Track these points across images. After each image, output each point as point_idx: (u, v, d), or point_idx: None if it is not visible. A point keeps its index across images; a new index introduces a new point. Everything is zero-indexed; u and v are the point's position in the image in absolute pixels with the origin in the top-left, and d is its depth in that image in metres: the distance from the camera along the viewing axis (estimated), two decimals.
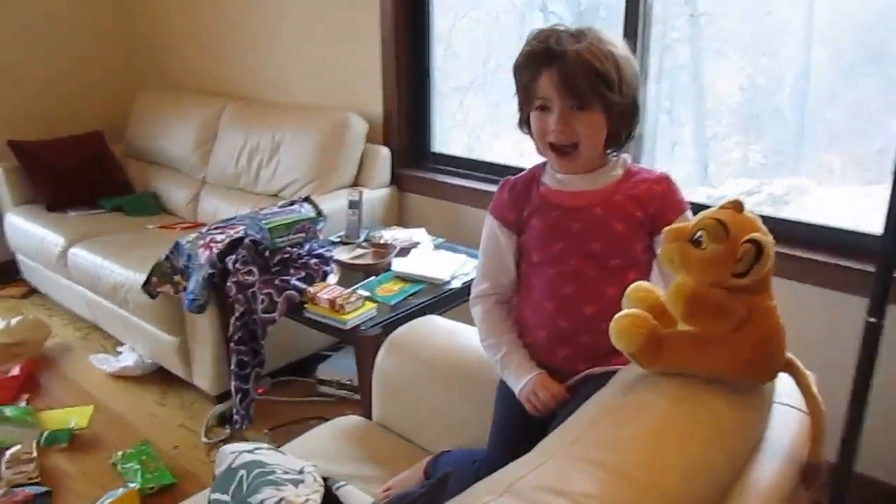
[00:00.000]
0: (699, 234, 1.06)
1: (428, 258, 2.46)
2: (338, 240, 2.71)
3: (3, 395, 2.79)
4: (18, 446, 2.46)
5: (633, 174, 1.44)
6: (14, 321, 3.19)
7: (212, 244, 2.44)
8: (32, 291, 3.76)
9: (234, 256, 2.33)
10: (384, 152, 3.09)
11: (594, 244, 1.40)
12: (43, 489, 2.29)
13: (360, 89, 3.18)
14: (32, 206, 3.61)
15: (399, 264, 2.42)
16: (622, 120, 1.37)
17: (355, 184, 3.09)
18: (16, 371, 2.93)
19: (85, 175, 3.71)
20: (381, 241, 2.60)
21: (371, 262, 2.48)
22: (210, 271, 2.38)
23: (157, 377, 2.96)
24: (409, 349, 1.85)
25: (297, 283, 2.26)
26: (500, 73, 3.07)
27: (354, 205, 2.68)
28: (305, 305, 2.19)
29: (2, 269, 3.84)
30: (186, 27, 3.91)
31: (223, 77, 3.80)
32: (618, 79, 1.32)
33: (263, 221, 2.34)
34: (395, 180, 3.14)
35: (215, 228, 2.58)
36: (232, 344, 2.30)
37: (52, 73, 3.94)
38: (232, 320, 2.28)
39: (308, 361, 2.93)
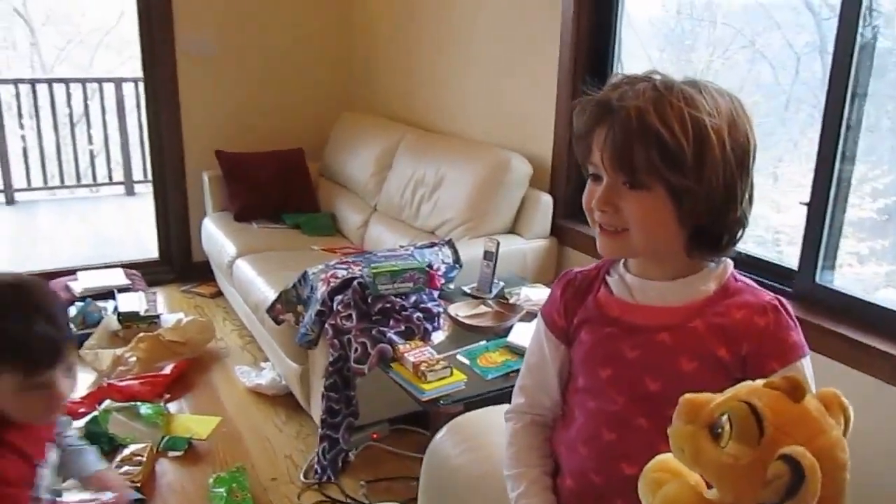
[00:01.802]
0: (722, 419, 0.68)
1: None
2: (470, 291, 2.48)
3: (148, 391, 2.91)
4: (137, 446, 2.54)
5: (732, 293, 1.04)
6: (185, 320, 3.37)
7: (331, 279, 2.34)
8: (219, 293, 3.98)
9: (340, 296, 2.20)
10: (546, 200, 2.80)
11: (651, 383, 1.03)
12: (136, 496, 2.31)
13: (531, 131, 2.94)
14: (225, 213, 3.81)
15: (516, 332, 2.13)
16: (700, 211, 0.98)
17: (512, 231, 2.84)
18: (167, 369, 3.06)
19: (276, 189, 3.85)
20: (510, 301, 2.32)
21: (488, 323, 2.21)
22: (320, 308, 2.27)
23: (287, 401, 2.92)
24: (468, 441, 1.57)
25: (394, 337, 2.06)
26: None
27: (489, 255, 2.43)
28: (392, 364, 1.99)
29: (202, 268, 4.10)
30: (391, 55, 3.92)
31: (413, 106, 3.75)
32: (694, 155, 0.94)
33: (373, 265, 2.18)
34: (556, 232, 2.84)
35: (342, 263, 2.47)
36: (324, 389, 2.16)
37: (266, 87, 4.15)
38: (326, 364, 2.15)
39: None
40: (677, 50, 2.87)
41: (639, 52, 2.80)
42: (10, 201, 5.96)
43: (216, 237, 3.62)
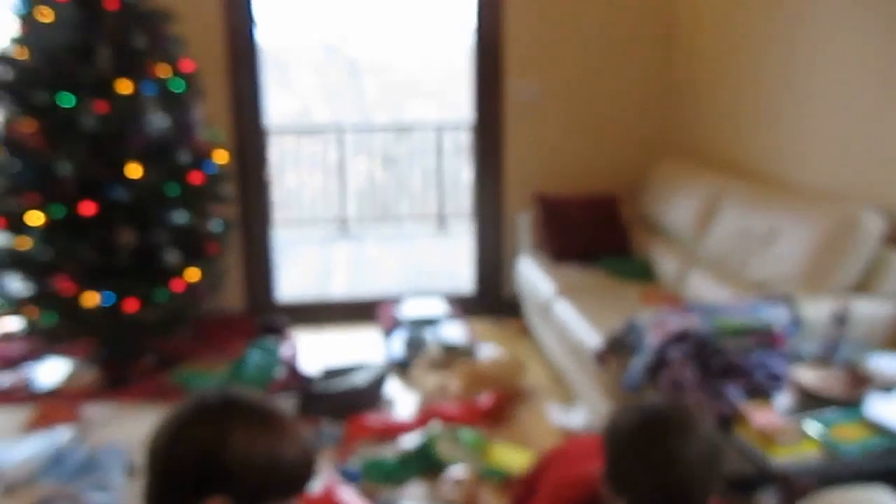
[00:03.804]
0: None
1: None
2: (812, 354, 2.30)
3: (467, 417, 3.09)
4: (460, 469, 2.70)
5: None
6: (498, 354, 3.55)
7: (664, 328, 2.32)
8: (526, 330, 4.12)
9: (676, 348, 2.17)
10: None
11: None
12: None
13: (889, 177, 2.66)
14: (540, 253, 3.96)
15: (876, 405, 1.93)
16: None
17: (858, 290, 2.59)
18: (485, 399, 3.23)
19: (591, 233, 3.92)
20: (861, 371, 2.12)
21: (838, 392, 2.03)
22: (652, 357, 2.25)
23: None
24: None
25: (733, 395, 1.98)
26: None
27: (838, 318, 2.24)
28: (734, 423, 1.91)
29: (510, 304, 4.29)
30: (716, 98, 3.82)
31: (741, 150, 3.60)
32: None
33: (716, 317, 2.12)
34: None
35: (674, 312, 2.44)
36: None
37: (584, 132, 4.25)
38: None
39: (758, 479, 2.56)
40: None
41: None
42: (344, 233, 6.77)
43: (533, 276, 3.77)
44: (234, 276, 4.11)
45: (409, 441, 2.87)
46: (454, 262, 6.01)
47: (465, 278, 4.66)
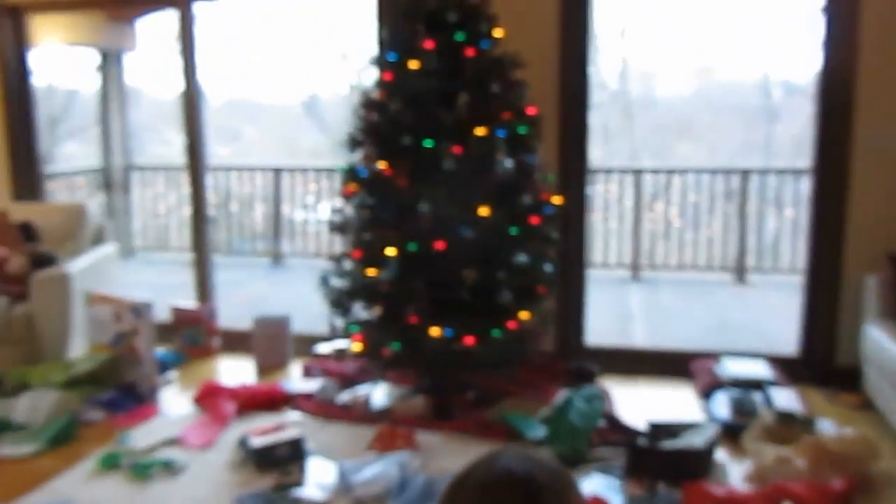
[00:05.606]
0: None
1: None
2: None
3: (818, 501, 2.76)
4: None
5: None
6: (846, 431, 3.16)
7: None
8: (868, 405, 3.64)
9: None
10: None
11: None
12: None
13: None
14: (892, 321, 3.49)
15: None
16: None
17: None
18: (836, 483, 2.87)
19: None
20: None
21: None
22: None
23: None
24: None
25: None
26: None
27: None
28: None
29: (846, 373, 3.84)
30: None
31: None
32: None
33: None
34: None
35: None
36: None
37: None
38: None
39: None
40: None
41: None
42: (636, 278, 6.60)
43: (887, 347, 3.33)
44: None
45: None
46: (756, 317, 5.58)
47: (772, 337, 4.27)
